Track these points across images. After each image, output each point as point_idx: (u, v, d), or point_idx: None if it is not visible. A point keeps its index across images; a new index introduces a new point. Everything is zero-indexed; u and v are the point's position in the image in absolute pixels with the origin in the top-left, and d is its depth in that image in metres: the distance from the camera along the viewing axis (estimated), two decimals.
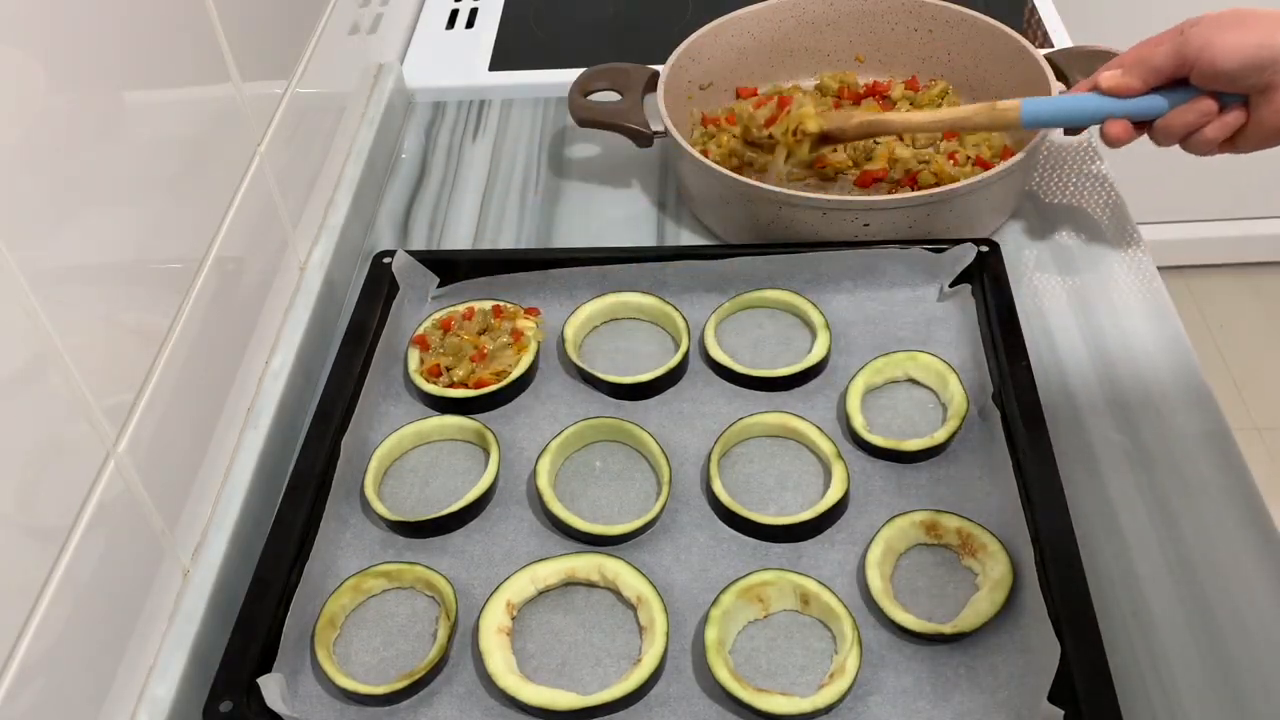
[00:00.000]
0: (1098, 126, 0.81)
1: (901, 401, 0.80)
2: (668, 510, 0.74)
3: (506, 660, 0.66)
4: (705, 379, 0.83)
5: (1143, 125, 0.80)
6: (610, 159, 1.08)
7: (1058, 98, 0.84)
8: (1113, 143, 0.80)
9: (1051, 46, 1.14)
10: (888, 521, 0.71)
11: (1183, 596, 0.69)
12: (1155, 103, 0.78)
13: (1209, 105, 0.75)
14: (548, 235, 1.00)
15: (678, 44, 1.01)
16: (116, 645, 0.62)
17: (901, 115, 0.90)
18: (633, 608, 0.69)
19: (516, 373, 0.82)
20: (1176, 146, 0.80)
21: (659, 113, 0.95)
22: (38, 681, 0.53)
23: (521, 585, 0.69)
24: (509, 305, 0.87)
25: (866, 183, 0.97)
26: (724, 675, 0.63)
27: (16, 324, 0.53)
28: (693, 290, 0.88)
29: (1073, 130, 0.93)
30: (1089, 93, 0.81)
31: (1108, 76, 0.78)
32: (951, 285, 0.85)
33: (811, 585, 0.67)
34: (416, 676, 0.64)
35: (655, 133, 0.98)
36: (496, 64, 1.20)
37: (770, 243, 0.90)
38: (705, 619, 0.66)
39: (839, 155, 1.00)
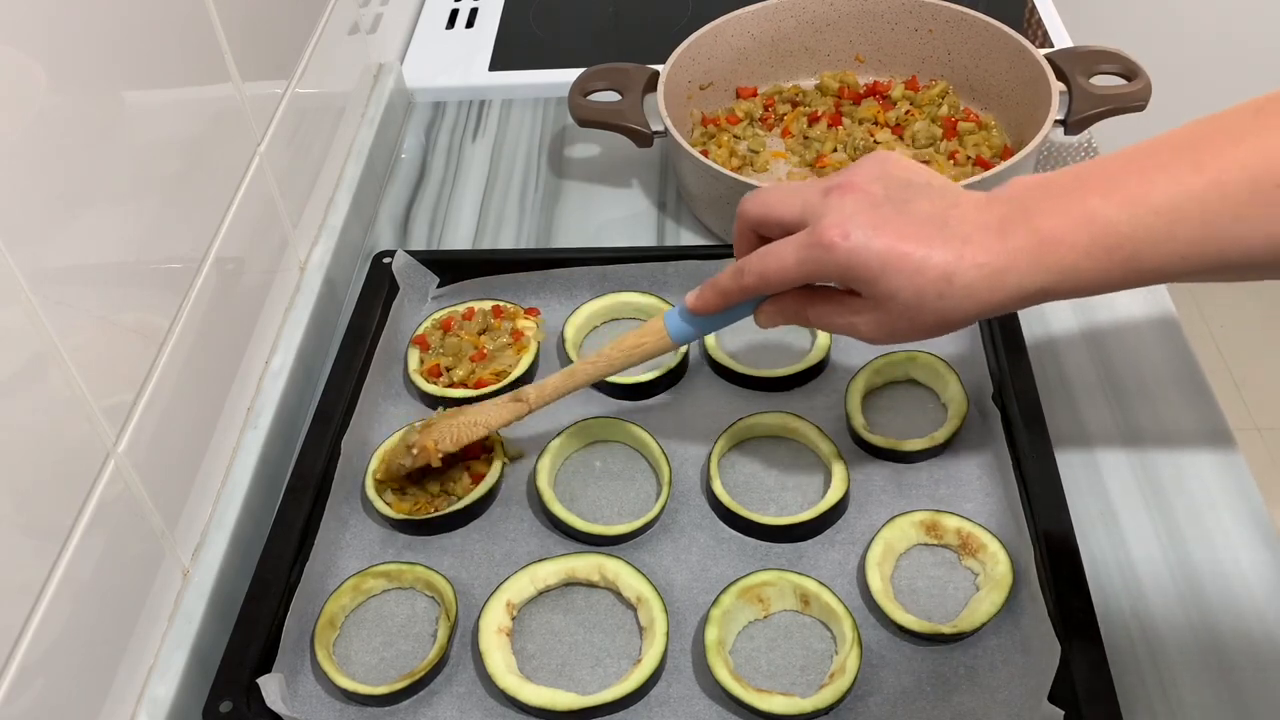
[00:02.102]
0: None
1: (901, 401, 0.80)
2: (668, 510, 0.74)
3: (506, 660, 0.66)
4: (705, 379, 0.83)
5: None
6: (610, 159, 1.08)
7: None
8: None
9: (1051, 46, 1.14)
10: (888, 521, 0.71)
11: (1183, 596, 0.69)
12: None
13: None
14: (548, 235, 1.01)
15: (678, 44, 1.01)
16: (116, 645, 0.62)
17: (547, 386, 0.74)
18: (633, 608, 0.69)
19: (516, 373, 0.82)
20: None
21: (659, 113, 0.95)
22: (38, 681, 0.53)
23: (521, 585, 0.69)
24: (509, 305, 0.87)
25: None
26: (724, 675, 0.63)
27: (16, 324, 0.53)
28: (693, 290, 0.87)
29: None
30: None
31: (767, 321, 0.66)
32: None
33: (811, 585, 0.67)
34: (416, 676, 0.64)
35: (655, 133, 0.98)
36: (496, 64, 1.21)
37: None
38: (705, 619, 0.66)
39: (839, 155, 1.00)
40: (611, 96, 1.01)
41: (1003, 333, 0.79)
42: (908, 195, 0.59)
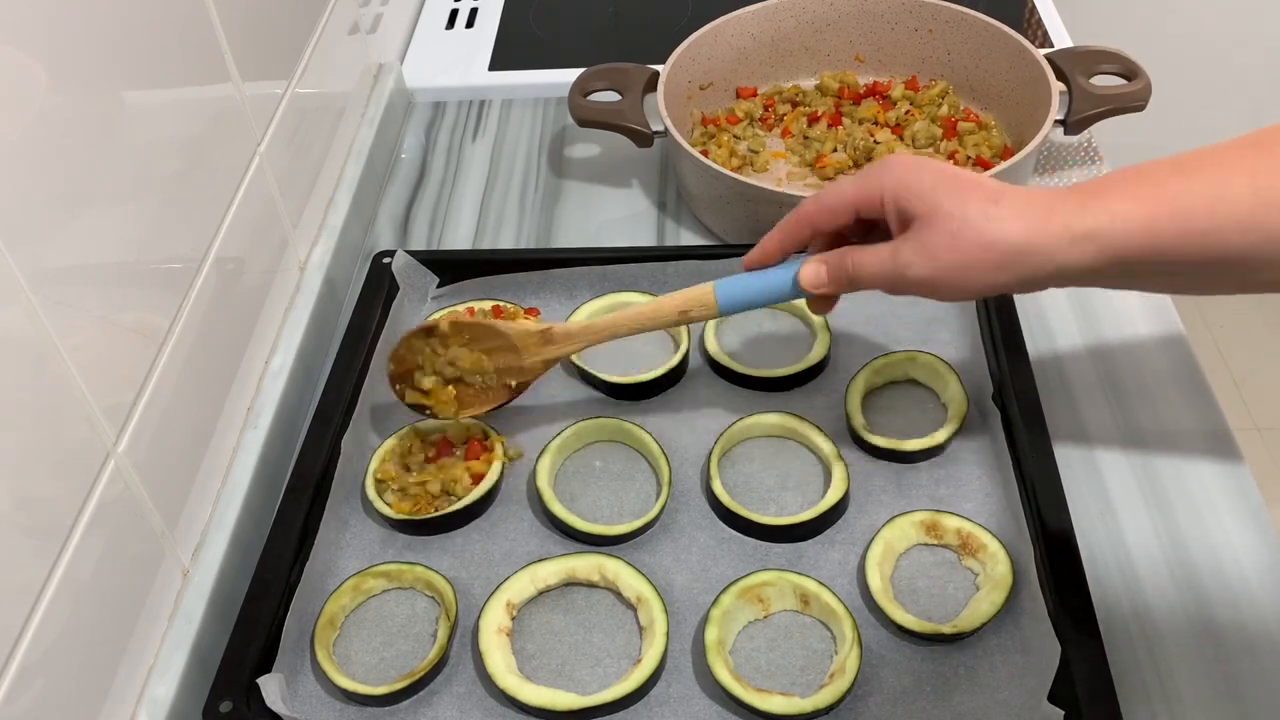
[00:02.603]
0: None
1: (901, 401, 0.80)
2: (668, 510, 0.74)
3: (506, 660, 0.66)
4: (705, 379, 0.83)
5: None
6: (610, 159, 1.08)
7: (752, 278, 0.69)
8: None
9: (1051, 46, 1.14)
10: (888, 521, 0.71)
11: (1183, 596, 0.69)
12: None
13: None
14: (548, 235, 1.01)
15: (678, 44, 1.01)
16: (116, 645, 0.62)
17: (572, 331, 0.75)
18: (633, 608, 0.69)
19: None
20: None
21: (659, 113, 0.95)
22: (38, 681, 0.53)
23: (521, 585, 0.69)
24: (509, 305, 0.87)
25: None
26: (724, 675, 0.63)
27: (16, 324, 0.53)
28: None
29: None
30: (779, 268, 0.69)
31: (811, 279, 0.66)
32: None
33: (811, 585, 0.67)
34: (416, 676, 0.64)
35: (655, 133, 0.98)
36: (496, 64, 1.21)
37: None
38: (705, 619, 0.66)
39: (839, 155, 1.00)
40: (611, 96, 1.01)
41: (1003, 333, 0.79)
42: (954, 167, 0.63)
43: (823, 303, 0.69)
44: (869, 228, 0.66)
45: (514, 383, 0.75)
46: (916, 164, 0.61)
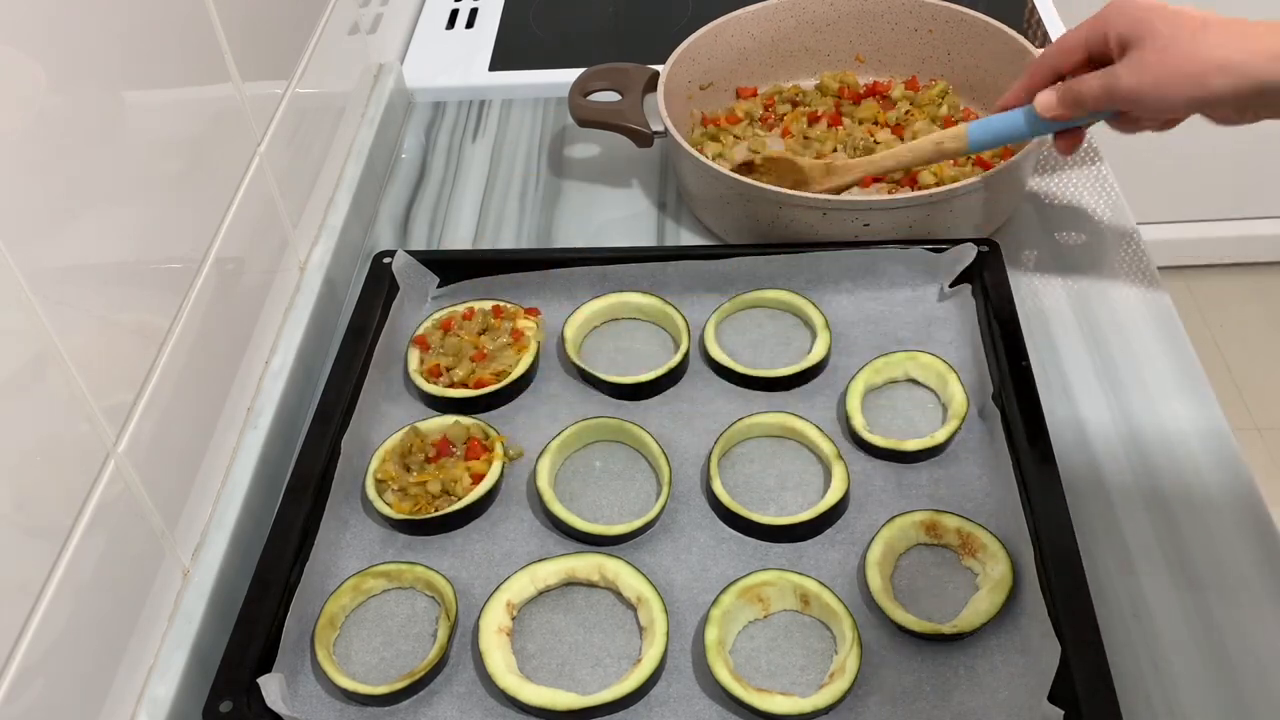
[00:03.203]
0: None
1: (901, 401, 0.80)
2: (668, 510, 0.74)
3: (506, 660, 0.66)
4: (705, 379, 0.83)
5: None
6: (610, 159, 1.08)
7: (996, 119, 0.83)
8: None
9: None
10: (888, 521, 0.71)
11: (1183, 597, 0.69)
12: (1091, 118, 0.79)
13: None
14: (548, 235, 1.01)
15: (678, 44, 1.01)
16: (117, 645, 0.62)
17: (866, 161, 0.90)
18: (633, 608, 0.69)
19: (516, 373, 0.82)
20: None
21: (659, 113, 0.95)
22: (38, 681, 0.53)
23: (521, 585, 0.69)
24: (509, 305, 0.87)
25: (866, 183, 0.97)
26: (724, 675, 0.63)
27: (16, 324, 0.53)
28: (693, 290, 0.88)
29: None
30: (1022, 109, 0.81)
31: (1044, 104, 0.78)
32: (951, 285, 0.85)
33: (811, 585, 0.67)
34: (416, 676, 0.64)
35: (655, 133, 0.98)
36: (496, 64, 1.21)
37: (770, 243, 0.90)
38: (705, 619, 0.66)
39: (839, 155, 1.00)
40: (611, 96, 1.01)
41: (1003, 333, 0.79)
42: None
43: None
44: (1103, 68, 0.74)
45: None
46: (1136, 1, 0.71)
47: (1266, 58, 0.65)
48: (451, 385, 0.82)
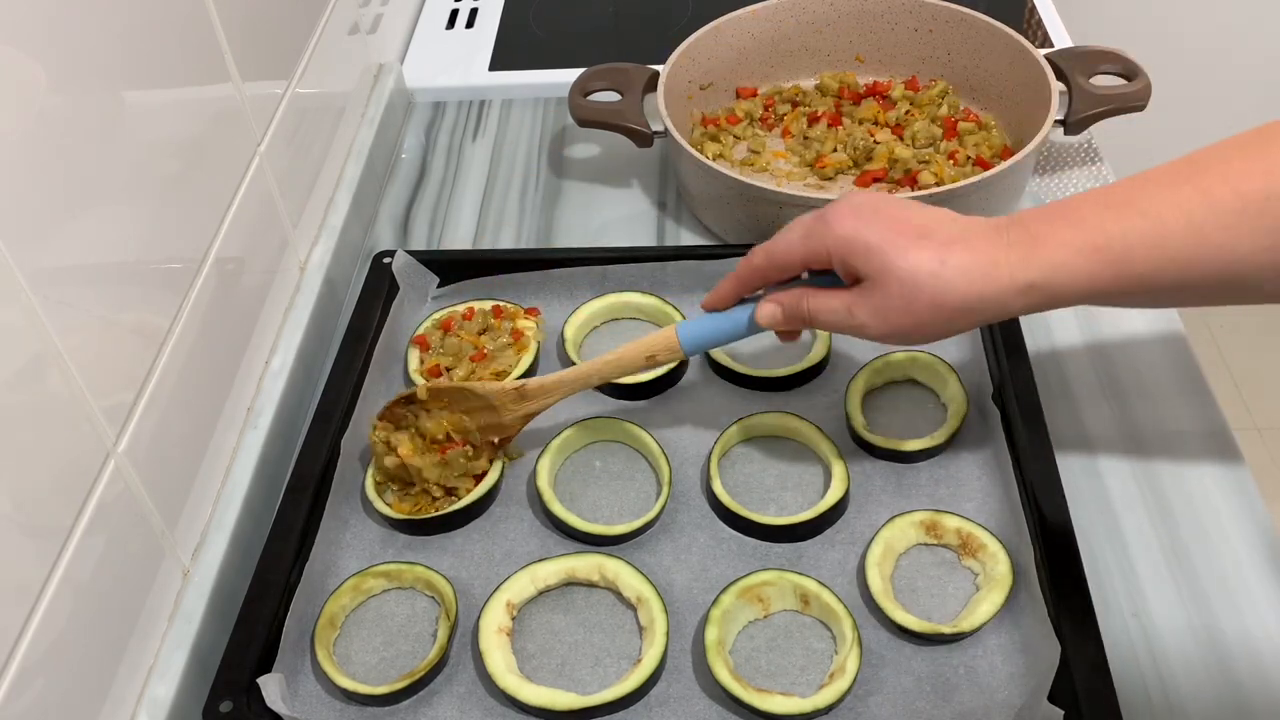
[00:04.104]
0: None
1: (901, 401, 0.80)
2: (668, 510, 0.74)
3: (506, 660, 0.66)
4: (705, 379, 0.83)
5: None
6: (610, 159, 1.08)
7: (709, 321, 0.71)
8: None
9: (1051, 46, 1.14)
10: (888, 521, 0.71)
11: (1182, 596, 0.69)
12: None
13: None
14: (548, 235, 1.01)
15: (678, 44, 1.01)
16: (116, 645, 0.62)
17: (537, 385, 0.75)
18: (633, 608, 0.69)
19: (516, 373, 0.82)
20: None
21: (659, 113, 0.95)
22: (38, 681, 0.53)
23: (521, 585, 0.69)
24: (509, 305, 0.87)
25: (866, 183, 0.97)
26: (724, 675, 0.63)
27: (16, 324, 0.53)
28: (693, 290, 0.88)
29: None
30: (739, 309, 0.70)
31: (768, 317, 0.68)
32: None
33: (811, 585, 0.67)
34: (416, 676, 0.64)
35: (655, 133, 0.98)
36: (496, 64, 1.21)
37: None
38: (705, 619, 0.66)
39: (839, 155, 1.00)
40: (611, 96, 1.01)
41: (1003, 333, 0.79)
42: (904, 204, 0.63)
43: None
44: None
45: (496, 439, 0.75)
46: (862, 217, 0.62)
47: (1015, 291, 0.59)
48: None
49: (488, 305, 0.87)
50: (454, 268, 0.89)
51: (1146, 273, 0.57)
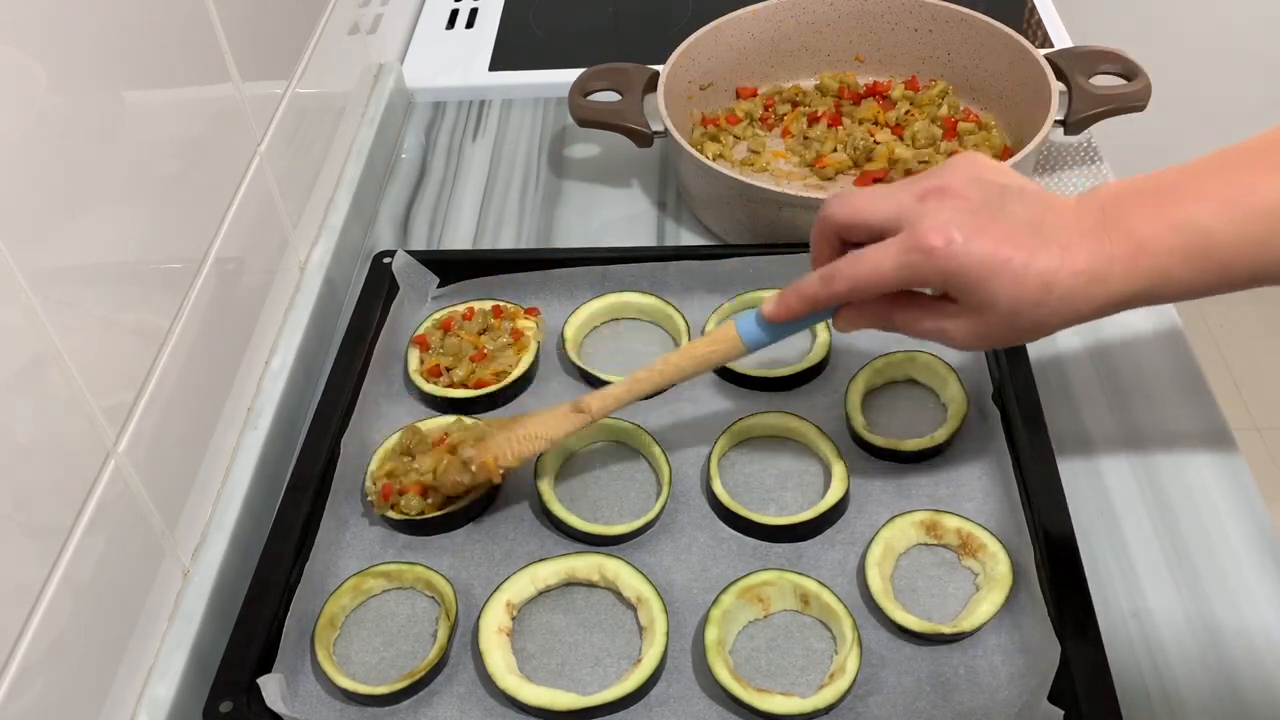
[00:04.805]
0: None
1: (901, 401, 0.80)
2: (668, 510, 0.74)
3: (506, 660, 0.66)
4: (705, 379, 0.83)
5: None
6: (610, 159, 1.08)
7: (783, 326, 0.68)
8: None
9: (1051, 46, 1.14)
10: (888, 521, 0.71)
11: (1183, 596, 0.69)
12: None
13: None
14: (548, 235, 1.01)
15: (678, 44, 1.01)
16: (116, 645, 0.62)
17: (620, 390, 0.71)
18: (633, 608, 0.69)
19: (516, 373, 0.82)
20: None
21: (659, 113, 0.95)
22: (38, 681, 0.53)
23: (521, 585, 0.69)
24: (509, 305, 0.87)
25: (867, 183, 0.97)
26: (724, 675, 0.63)
27: (16, 324, 0.53)
28: (693, 290, 0.88)
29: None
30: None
31: (847, 324, 0.65)
32: None
33: (811, 585, 0.67)
34: (416, 676, 0.64)
35: (655, 133, 0.98)
36: (496, 64, 1.21)
37: (770, 243, 0.90)
38: (705, 619, 0.66)
39: (839, 155, 1.00)
40: (611, 96, 1.01)
41: None
42: (1003, 200, 0.58)
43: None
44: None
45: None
46: (956, 241, 0.57)
47: (1118, 304, 0.58)
48: (451, 385, 0.82)
49: (488, 305, 0.87)
50: (454, 268, 0.89)
51: (1252, 273, 0.56)
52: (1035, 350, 0.82)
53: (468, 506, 0.73)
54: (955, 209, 0.58)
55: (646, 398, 0.71)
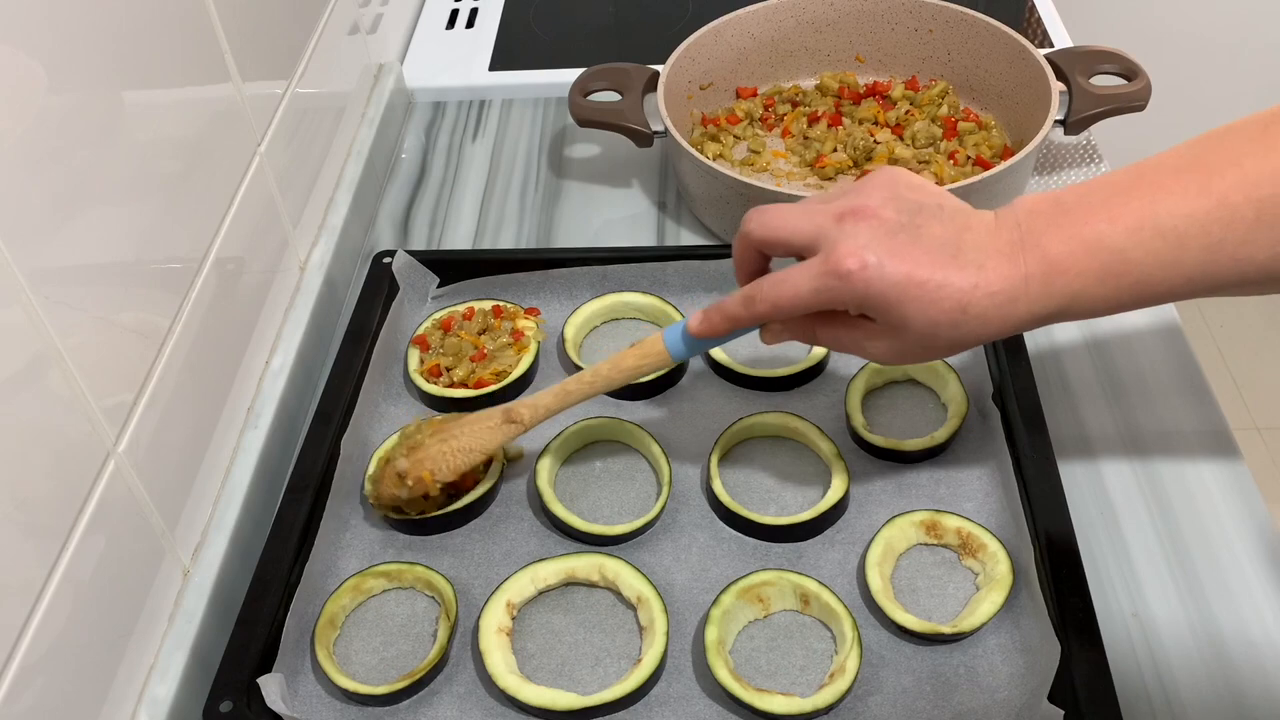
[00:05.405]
0: None
1: (901, 401, 0.80)
2: (668, 510, 0.74)
3: (506, 660, 0.66)
4: (705, 379, 0.83)
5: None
6: (610, 159, 1.08)
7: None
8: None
9: (1051, 46, 1.14)
10: (888, 521, 0.71)
11: (1183, 597, 0.69)
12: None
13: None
14: (548, 235, 1.01)
15: (678, 44, 1.01)
16: (117, 645, 0.62)
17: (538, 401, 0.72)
18: (633, 608, 0.69)
19: (516, 373, 0.82)
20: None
21: (659, 113, 0.95)
22: (38, 681, 0.53)
23: (521, 585, 0.69)
24: (509, 305, 0.87)
25: None
26: (724, 675, 0.63)
27: (16, 324, 0.53)
28: (693, 290, 0.88)
29: None
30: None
31: (772, 337, 0.66)
32: None
33: (811, 585, 0.67)
34: (416, 676, 0.64)
35: (655, 133, 0.98)
36: (496, 64, 1.21)
37: None
38: (705, 619, 0.66)
39: (839, 155, 1.00)
40: (611, 96, 1.01)
41: None
42: (920, 220, 0.59)
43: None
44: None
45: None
46: (870, 264, 0.57)
47: (1032, 321, 0.58)
48: (451, 385, 0.82)
49: (488, 305, 0.87)
50: (454, 268, 0.89)
51: (1163, 291, 0.56)
52: (1035, 350, 0.82)
53: (468, 506, 0.73)
54: (872, 231, 0.58)
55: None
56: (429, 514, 0.73)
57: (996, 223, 0.59)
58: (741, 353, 0.84)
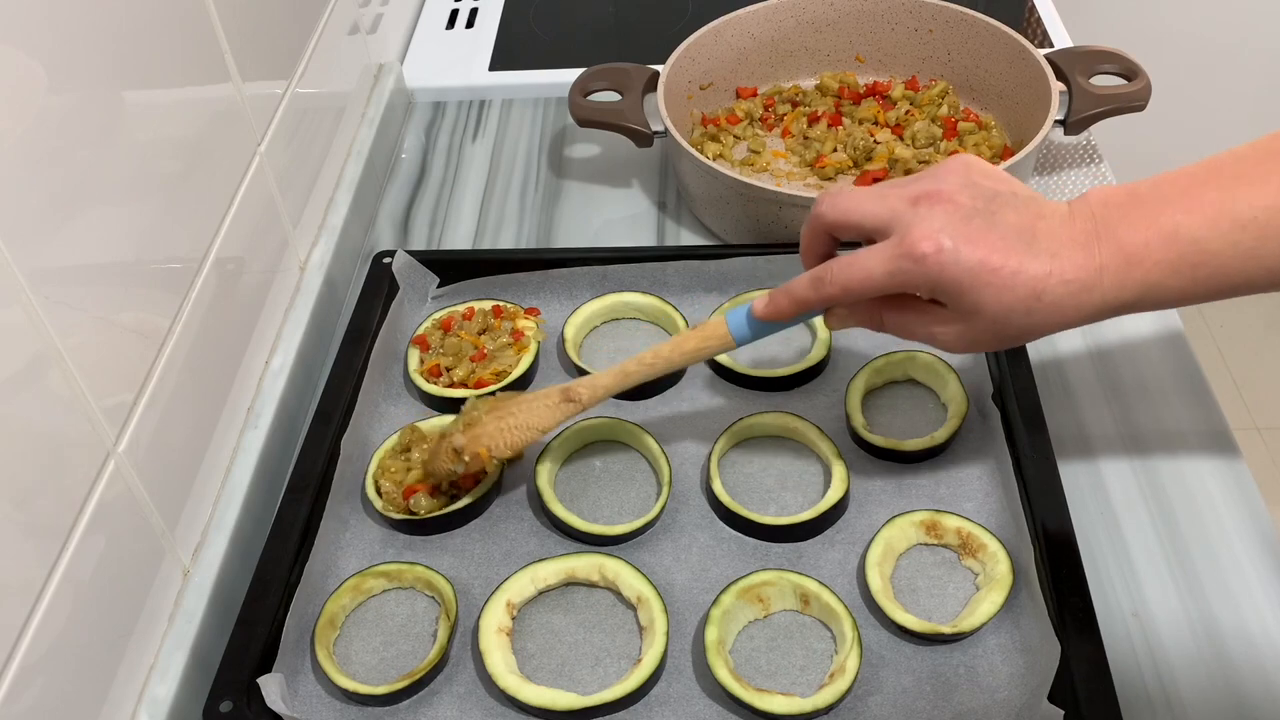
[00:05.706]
0: None
1: (901, 401, 0.80)
2: (668, 510, 0.74)
3: (506, 660, 0.66)
4: (705, 379, 0.83)
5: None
6: (610, 159, 1.08)
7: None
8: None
9: (1051, 46, 1.14)
10: (888, 521, 0.71)
11: (1182, 596, 0.69)
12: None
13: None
14: (548, 235, 1.01)
15: (678, 44, 1.01)
16: (117, 645, 0.62)
17: (598, 383, 0.72)
18: (633, 608, 0.69)
19: (516, 373, 0.82)
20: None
21: (659, 113, 0.95)
22: (38, 681, 0.53)
23: (521, 585, 0.69)
24: (509, 305, 0.87)
25: (866, 182, 0.97)
26: (724, 675, 0.63)
27: (16, 324, 0.53)
28: (693, 290, 0.88)
29: None
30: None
31: (838, 322, 0.66)
32: None
33: (811, 585, 0.67)
34: (416, 676, 0.64)
35: (655, 133, 0.98)
36: (496, 64, 1.21)
37: (770, 243, 0.90)
38: (705, 619, 0.66)
39: (839, 155, 1.00)
40: (611, 96, 1.01)
41: None
42: (995, 207, 0.58)
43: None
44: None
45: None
46: (946, 248, 0.57)
47: (1106, 312, 0.58)
48: (451, 385, 0.82)
49: (488, 305, 0.87)
50: (454, 268, 0.89)
51: (1241, 282, 0.56)
52: (1035, 350, 0.82)
53: (468, 506, 0.73)
54: (947, 215, 0.58)
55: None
56: (431, 514, 0.73)
57: (1070, 213, 0.59)
58: (741, 353, 0.84)
